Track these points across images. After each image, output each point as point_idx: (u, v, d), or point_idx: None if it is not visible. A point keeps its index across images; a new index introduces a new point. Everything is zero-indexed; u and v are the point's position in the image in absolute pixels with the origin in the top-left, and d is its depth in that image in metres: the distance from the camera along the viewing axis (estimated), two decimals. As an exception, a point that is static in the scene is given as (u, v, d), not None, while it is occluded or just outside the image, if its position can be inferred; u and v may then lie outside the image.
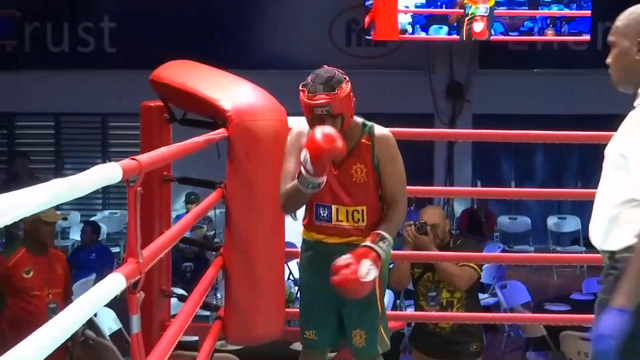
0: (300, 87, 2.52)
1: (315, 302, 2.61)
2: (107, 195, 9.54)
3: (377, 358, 2.66)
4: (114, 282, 1.69)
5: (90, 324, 4.55)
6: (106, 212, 9.21)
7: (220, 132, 2.91)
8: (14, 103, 9.42)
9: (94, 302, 1.55)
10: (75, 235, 8.24)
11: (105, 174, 1.61)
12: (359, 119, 2.62)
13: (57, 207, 9.16)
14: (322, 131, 2.33)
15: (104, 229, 7.84)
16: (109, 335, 4.63)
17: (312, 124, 2.49)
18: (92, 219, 8.11)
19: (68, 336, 1.40)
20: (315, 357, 2.72)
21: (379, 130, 2.63)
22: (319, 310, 2.63)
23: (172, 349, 2.21)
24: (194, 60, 3.42)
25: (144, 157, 1.92)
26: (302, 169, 2.38)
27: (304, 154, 2.36)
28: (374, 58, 8.96)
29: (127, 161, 1.79)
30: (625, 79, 2.13)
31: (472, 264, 3.48)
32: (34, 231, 3.73)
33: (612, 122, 2.28)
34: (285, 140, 2.73)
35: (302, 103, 2.51)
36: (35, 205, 1.22)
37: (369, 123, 2.64)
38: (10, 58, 9.38)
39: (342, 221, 2.54)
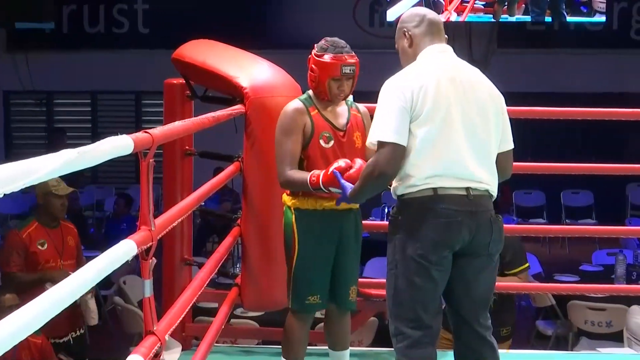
0: (316, 52, 2.66)
1: (321, 267, 2.68)
2: (139, 169, 9.75)
3: None
4: (126, 248, 1.77)
5: (120, 291, 4.73)
6: (139, 185, 9.43)
7: (236, 108, 3.03)
8: (52, 82, 9.69)
9: (104, 266, 1.61)
10: (110, 207, 8.49)
11: (116, 145, 1.65)
12: None
13: (94, 181, 9.46)
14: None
15: (136, 201, 8.05)
16: (137, 302, 4.79)
17: (331, 85, 2.63)
18: (125, 191, 8.34)
19: (77, 297, 1.43)
20: (310, 320, 2.78)
21: (358, 103, 2.82)
22: (323, 275, 2.69)
23: (184, 313, 2.28)
24: (222, 41, 3.51)
25: (157, 131, 1.99)
26: (322, 186, 2.51)
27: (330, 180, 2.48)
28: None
29: (139, 134, 1.85)
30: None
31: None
32: (45, 204, 3.78)
33: (627, 99, 2.37)
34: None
35: (321, 66, 2.62)
36: (46, 172, 1.25)
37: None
38: (49, 39, 9.62)
39: None
